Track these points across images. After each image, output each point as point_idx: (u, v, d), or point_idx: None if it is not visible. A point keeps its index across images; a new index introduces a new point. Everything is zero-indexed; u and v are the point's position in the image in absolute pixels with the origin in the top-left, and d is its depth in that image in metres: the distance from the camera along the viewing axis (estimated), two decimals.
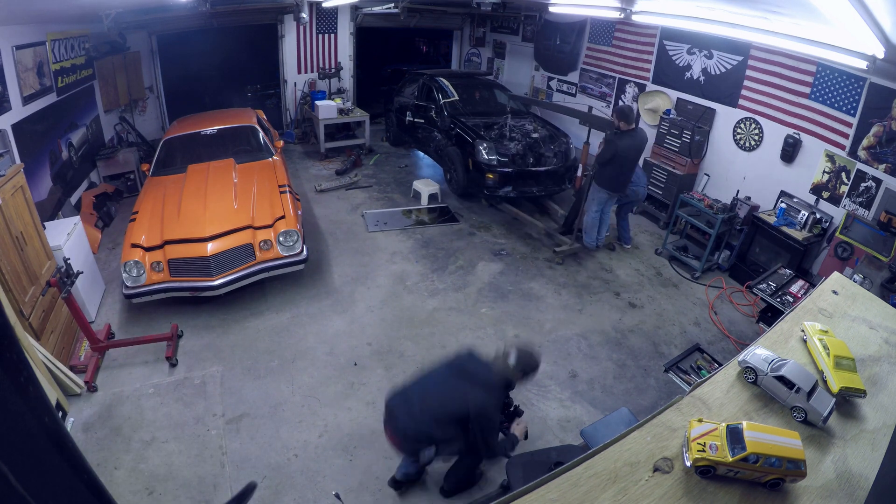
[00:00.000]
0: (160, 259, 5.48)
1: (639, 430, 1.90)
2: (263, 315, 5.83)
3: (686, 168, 7.88)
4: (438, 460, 3.50)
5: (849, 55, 4.04)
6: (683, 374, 4.45)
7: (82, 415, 4.45)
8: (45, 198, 6.34)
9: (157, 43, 10.28)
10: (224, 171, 6.66)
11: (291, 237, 5.88)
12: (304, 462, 4.13)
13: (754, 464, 1.68)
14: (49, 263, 4.96)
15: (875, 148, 5.80)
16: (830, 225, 6.32)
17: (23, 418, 0.83)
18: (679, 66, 8.22)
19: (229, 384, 4.88)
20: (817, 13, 3.31)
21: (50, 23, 6.81)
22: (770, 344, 2.44)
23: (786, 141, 6.71)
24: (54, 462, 0.90)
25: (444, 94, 9.50)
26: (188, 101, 10.36)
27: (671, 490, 1.69)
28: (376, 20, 11.90)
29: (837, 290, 2.97)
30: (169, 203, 6.02)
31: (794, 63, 6.49)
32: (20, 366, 0.85)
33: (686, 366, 4.54)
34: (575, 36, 10.26)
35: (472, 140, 8.24)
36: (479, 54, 13.75)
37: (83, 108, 8.07)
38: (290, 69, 11.62)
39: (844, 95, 6.04)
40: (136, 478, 3.93)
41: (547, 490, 1.64)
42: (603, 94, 9.97)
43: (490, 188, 8.10)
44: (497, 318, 5.94)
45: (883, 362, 2.41)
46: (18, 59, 5.92)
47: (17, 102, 5.90)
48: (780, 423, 2.01)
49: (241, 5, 9.84)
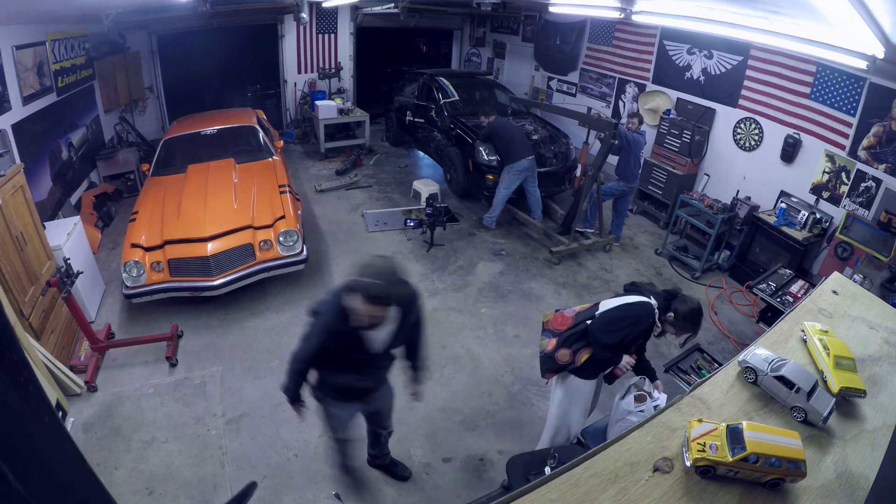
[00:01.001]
0: (160, 259, 5.48)
1: (639, 431, 1.90)
2: (263, 315, 5.84)
3: (686, 168, 7.88)
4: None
5: (849, 55, 4.04)
6: (683, 374, 4.45)
7: (82, 415, 4.45)
8: (45, 198, 6.34)
9: (157, 43, 10.28)
10: (224, 171, 6.65)
11: (291, 237, 5.87)
12: (304, 462, 4.13)
13: (754, 464, 1.68)
14: (49, 263, 4.96)
15: (875, 148, 5.80)
16: (830, 225, 6.32)
17: (23, 418, 0.83)
18: (679, 66, 8.22)
19: (229, 384, 4.88)
20: (817, 13, 3.31)
21: (50, 23, 6.81)
22: (770, 344, 2.44)
23: (786, 141, 6.71)
24: (54, 462, 0.90)
25: (444, 93, 9.49)
26: (188, 101, 10.36)
27: (671, 490, 1.69)
28: (376, 20, 11.90)
29: (837, 290, 2.97)
30: (169, 203, 6.02)
31: (794, 63, 6.49)
32: (20, 366, 0.85)
33: (686, 366, 4.53)
34: (575, 36, 10.27)
35: (473, 141, 8.24)
36: (479, 54, 13.76)
37: (83, 108, 8.07)
38: (290, 69, 11.61)
39: (844, 95, 6.04)
40: (136, 478, 3.93)
41: (547, 490, 1.64)
42: (603, 94, 9.97)
43: (490, 189, 8.09)
44: (497, 318, 5.94)
45: (883, 362, 2.42)
46: (18, 59, 5.92)
47: (17, 102, 5.90)
48: (781, 423, 2.01)
49: (241, 5, 9.84)
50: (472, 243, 7.58)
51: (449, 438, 4.42)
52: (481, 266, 6.99)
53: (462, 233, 7.85)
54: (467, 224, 8.14)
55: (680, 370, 4.52)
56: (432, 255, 7.17)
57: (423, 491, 3.96)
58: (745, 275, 6.80)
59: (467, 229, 7.97)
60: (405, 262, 6.97)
